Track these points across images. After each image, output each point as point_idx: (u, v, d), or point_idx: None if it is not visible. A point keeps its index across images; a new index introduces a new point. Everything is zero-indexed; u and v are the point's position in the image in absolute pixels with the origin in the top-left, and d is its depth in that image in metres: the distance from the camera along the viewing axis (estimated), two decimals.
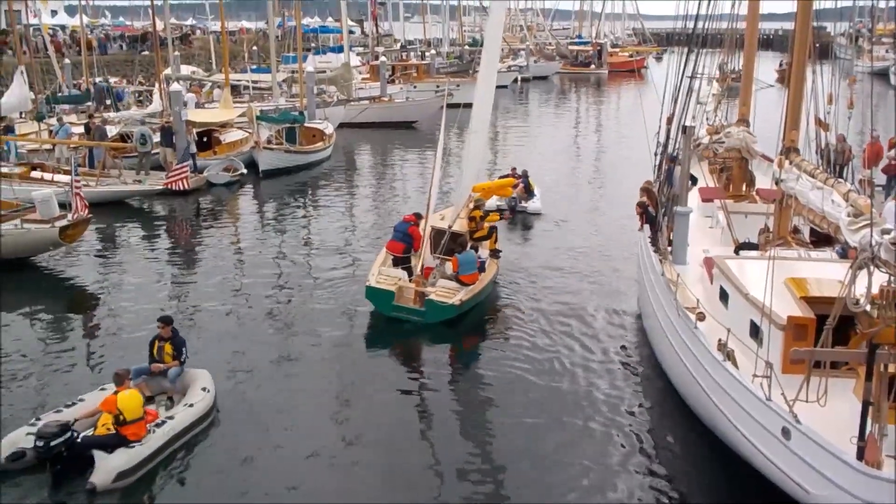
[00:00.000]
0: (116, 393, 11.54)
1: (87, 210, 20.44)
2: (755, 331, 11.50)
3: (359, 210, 28.12)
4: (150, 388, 13.14)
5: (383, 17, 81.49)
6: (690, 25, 17.75)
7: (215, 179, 30.49)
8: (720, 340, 11.48)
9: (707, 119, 22.53)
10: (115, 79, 49.10)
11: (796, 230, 15.40)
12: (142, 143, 29.71)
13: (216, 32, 58.79)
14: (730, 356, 11.19)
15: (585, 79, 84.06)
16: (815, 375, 9.53)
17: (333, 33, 74.77)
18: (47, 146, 30.67)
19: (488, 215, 19.99)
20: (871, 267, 9.43)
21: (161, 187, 27.89)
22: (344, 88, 47.07)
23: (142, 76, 52.86)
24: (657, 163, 18.42)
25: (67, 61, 49.23)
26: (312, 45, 65.25)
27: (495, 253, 19.52)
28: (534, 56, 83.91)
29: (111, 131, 31.58)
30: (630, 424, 12.93)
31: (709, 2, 17.42)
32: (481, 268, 17.86)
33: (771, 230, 15.26)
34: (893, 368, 8.76)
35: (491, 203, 23.48)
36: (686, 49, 17.66)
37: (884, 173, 22.28)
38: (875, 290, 9.40)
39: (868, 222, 9.99)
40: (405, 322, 16.86)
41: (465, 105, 20.06)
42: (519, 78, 70.52)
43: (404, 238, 18.43)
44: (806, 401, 9.40)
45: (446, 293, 16.97)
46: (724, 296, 12.81)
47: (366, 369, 15.03)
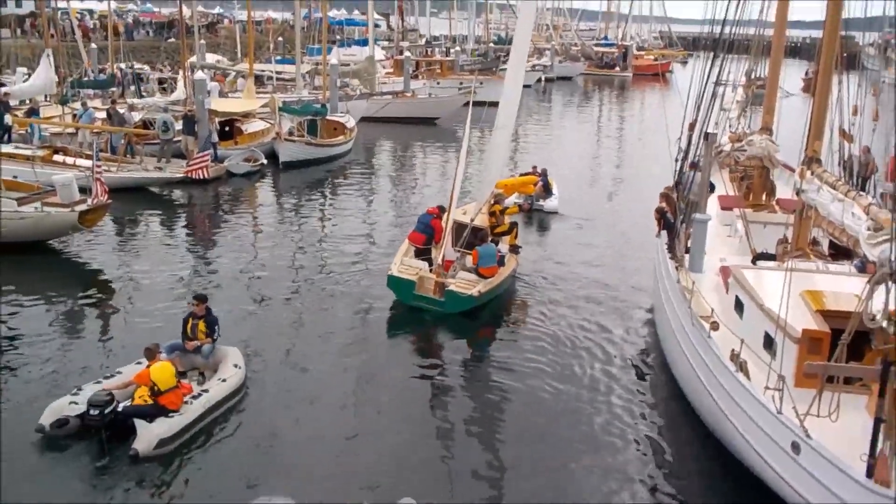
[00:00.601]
0: (148, 367, 12.17)
1: (108, 195, 20.55)
2: (769, 342, 11.40)
3: (378, 204, 28.14)
4: (183, 364, 13.57)
5: (409, 12, 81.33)
6: (717, 30, 17.62)
7: (235, 169, 30.57)
8: (733, 351, 11.39)
9: (730, 126, 22.38)
10: (147, 66, 49.42)
11: (815, 242, 15.27)
12: (164, 131, 29.85)
13: (242, 22, 58.93)
14: (742, 367, 11.10)
15: (609, 81, 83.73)
16: (828, 390, 9.45)
17: (359, 26, 75.00)
18: (70, 130, 30.85)
19: (509, 209, 20.13)
20: (890, 282, 9.32)
21: (181, 175, 27.99)
22: (367, 82, 47.07)
23: (166, 63, 53.06)
24: (677, 169, 18.31)
25: (94, 46, 49.44)
26: (337, 38, 65.52)
27: (515, 248, 19.77)
28: (559, 56, 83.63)
29: (135, 117, 31.71)
30: (638, 431, 12.87)
31: (737, 6, 17.29)
32: (501, 262, 18.17)
33: (789, 241, 15.13)
34: None
35: (509, 200, 23.57)
36: (712, 54, 17.53)
37: None
38: (892, 307, 9.29)
39: (888, 237, 9.87)
40: (425, 311, 17.17)
41: (490, 104, 20.23)
42: (543, 78, 70.31)
43: (426, 230, 18.84)
44: (817, 415, 9.32)
45: (466, 284, 17.33)
46: (740, 306, 12.71)
47: (385, 355, 15.49)
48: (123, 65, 45.11)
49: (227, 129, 33.69)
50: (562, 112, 59.70)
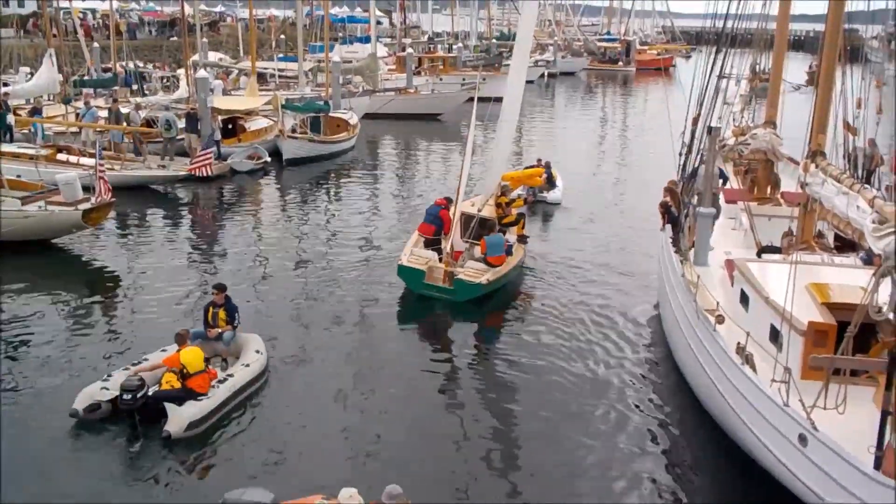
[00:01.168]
0: (178, 350, 12.73)
1: (111, 194, 20.57)
2: (775, 335, 11.38)
3: (381, 200, 28.18)
4: (206, 351, 13.72)
5: (411, 9, 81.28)
6: (720, 24, 17.59)
7: (239, 167, 30.58)
8: (739, 344, 11.37)
9: (734, 120, 22.32)
10: (150, 64, 49.40)
11: (820, 235, 15.24)
12: (167, 129, 29.88)
13: (245, 20, 58.92)
14: (748, 360, 11.08)
15: (613, 76, 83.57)
16: (834, 382, 9.43)
17: (361, 23, 74.83)
18: (74, 129, 30.87)
19: (514, 201, 20.47)
20: (895, 275, 9.30)
21: (185, 173, 28.02)
22: (370, 79, 47.03)
23: (165, 61, 53.03)
24: (681, 163, 18.28)
25: (96, 45, 49.44)
26: (340, 35, 65.38)
27: (522, 238, 20.17)
28: (561, 52, 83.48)
29: (141, 116, 31.69)
30: (644, 423, 12.89)
31: (739, 1, 17.25)
32: (508, 251, 18.55)
33: (794, 234, 15.10)
34: None
35: (514, 193, 23.70)
36: (714, 48, 17.50)
37: None
38: None
39: (893, 229, 9.84)
40: (434, 300, 17.53)
41: (495, 100, 20.37)
42: (546, 73, 70.20)
43: (435, 221, 19.21)
44: (824, 408, 9.30)
45: (474, 273, 17.74)
46: (745, 299, 12.69)
47: (396, 343, 15.99)
48: (130, 63, 45.11)
49: (231, 127, 33.71)
50: (565, 107, 59.65)
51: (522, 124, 42.85)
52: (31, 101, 33.23)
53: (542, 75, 69.35)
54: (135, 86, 40.75)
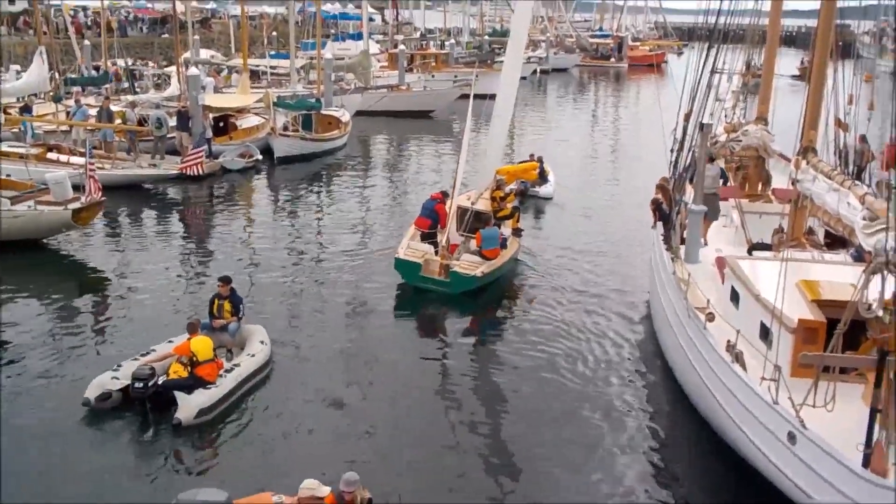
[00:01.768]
0: (189, 339, 13.16)
1: (101, 193, 20.47)
2: (765, 333, 11.39)
3: (374, 197, 28.16)
4: (211, 342, 13.87)
5: (404, 6, 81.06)
6: (712, 20, 17.57)
7: (230, 165, 30.45)
8: (729, 342, 11.37)
9: (725, 116, 22.32)
10: (140, 62, 49.24)
11: (811, 231, 15.24)
12: (157, 127, 29.75)
13: (236, 17, 58.75)
14: (738, 358, 11.08)
15: (605, 72, 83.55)
16: (824, 380, 9.43)
17: (353, 20, 74.56)
18: (64, 128, 30.71)
19: (509, 195, 20.62)
20: (885, 272, 9.29)
21: (176, 172, 27.90)
22: (362, 76, 46.89)
23: (156, 58, 52.83)
24: (673, 159, 18.27)
25: (87, 43, 49.24)
26: (332, 32, 65.12)
27: (517, 231, 20.46)
28: (553, 48, 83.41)
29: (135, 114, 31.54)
30: (633, 421, 12.91)
31: None
32: (503, 244, 18.88)
33: (785, 231, 15.10)
34: None
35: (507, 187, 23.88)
36: (707, 44, 17.48)
37: None
38: (888, 296, 9.27)
39: (883, 226, 9.84)
40: (430, 292, 17.80)
41: (489, 96, 20.54)
42: (538, 70, 70.11)
43: (431, 214, 19.45)
44: (813, 406, 9.30)
45: (470, 265, 18.06)
46: (735, 296, 12.69)
47: (391, 335, 16.20)
48: (121, 61, 44.92)
49: (222, 125, 33.53)
50: (557, 103, 59.63)
51: (515, 120, 42.82)
52: (23, 100, 33.04)
53: (535, 72, 69.16)
54: (125, 84, 40.56)
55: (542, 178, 27.45)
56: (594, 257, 21.07)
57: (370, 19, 64.62)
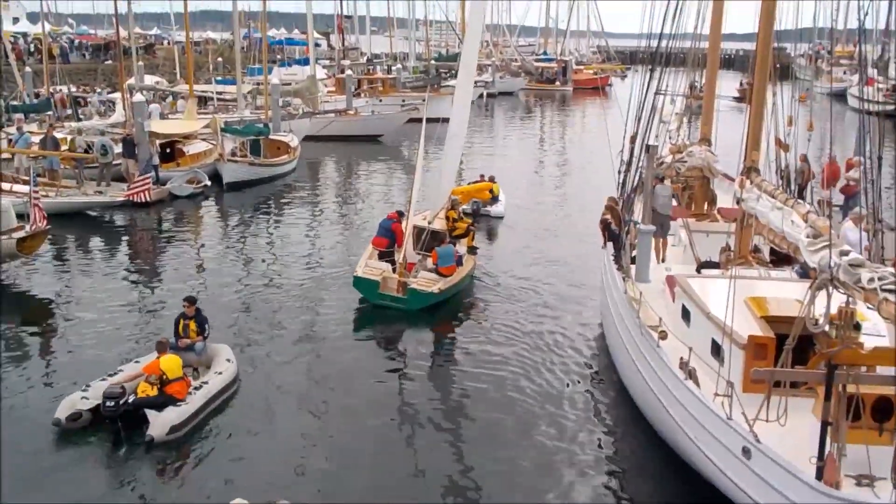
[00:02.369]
0: (158, 358, 13.36)
1: (46, 221, 20.10)
2: (716, 349, 11.58)
3: (324, 221, 28.15)
4: (180, 360, 13.95)
5: (350, 31, 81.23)
6: (654, 44, 17.93)
7: (178, 191, 30.12)
8: (682, 359, 11.54)
9: (670, 138, 22.73)
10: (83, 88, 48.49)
11: (757, 249, 15.57)
12: (103, 154, 29.33)
13: (181, 43, 58.33)
14: (691, 375, 11.25)
15: (550, 95, 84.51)
16: (776, 395, 9.61)
17: (299, 45, 74.63)
18: (6, 155, 30.10)
19: (462, 218, 21.22)
20: (830, 288, 9.55)
21: (122, 199, 27.56)
22: (309, 101, 46.84)
23: (100, 85, 52.17)
24: (621, 180, 18.54)
25: (28, 69, 48.46)
26: (278, 57, 65.08)
27: (472, 249, 20.95)
28: (500, 72, 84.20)
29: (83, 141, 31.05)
30: (588, 438, 13.01)
31: (672, 21, 17.61)
32: (459, 261, 19.46)
33: (732, 249, 15.40)
34: (852, 388, 8.85)
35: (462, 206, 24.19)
36: (649, 68, 17.82)
37: (842, 193, 22.57)
38: (834, 311, 9.51)
39: (827, 244, 10.12)
40: (389, 309, 18.18)
41: (443, 120, 20.92)
42: (485, 93, 70.67)
43: (387, 234, 19.94)
44: (766, 420, 9.47)
45: (427, 282, 18.55)
46: (686, 314, 12.90)
47: (350, 352, 16.35)
48: (64, 88, 44.21)
49: (169, 151, 33.22)
50: (505, 126, 60.08)
51: (464, 143, 43.06)
52: None
53: (482, 95, 69.72)
54: (68, 111, 39.95)
55: (494, 199, 28.04)
56: (546, 275, 21.31)
57: (316, 44, 64.63)
